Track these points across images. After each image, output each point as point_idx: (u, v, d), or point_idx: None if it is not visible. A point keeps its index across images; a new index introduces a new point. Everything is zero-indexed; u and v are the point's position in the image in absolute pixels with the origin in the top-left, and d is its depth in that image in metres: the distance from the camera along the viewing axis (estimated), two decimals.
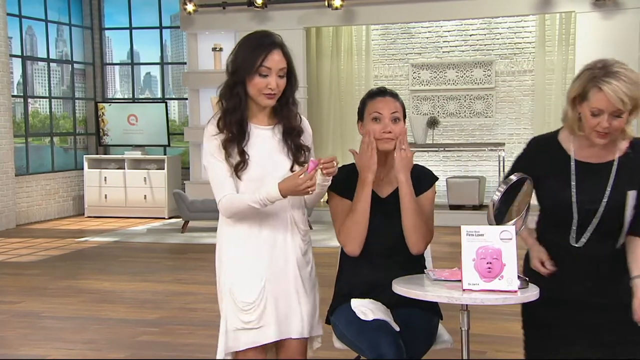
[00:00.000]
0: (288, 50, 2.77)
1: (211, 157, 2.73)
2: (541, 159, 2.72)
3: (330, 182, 2.78)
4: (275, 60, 2.69)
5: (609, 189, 2.60)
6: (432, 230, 2.95)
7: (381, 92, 2.98)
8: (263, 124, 2.79)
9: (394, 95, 2.98)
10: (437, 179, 3.06)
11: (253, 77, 2.68)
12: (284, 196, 2.64)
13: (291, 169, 2.75)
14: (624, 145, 2.64)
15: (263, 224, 2.75)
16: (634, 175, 2.62)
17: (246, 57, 2.69)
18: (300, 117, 2.86)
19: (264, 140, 2.76)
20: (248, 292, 2.72)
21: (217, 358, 2.78)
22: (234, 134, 2.70)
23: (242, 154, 2.70)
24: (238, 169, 2.70)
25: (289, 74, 2.76)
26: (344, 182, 2.93)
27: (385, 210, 2.92)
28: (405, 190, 2.87)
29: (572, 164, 2.66)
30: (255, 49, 2.70)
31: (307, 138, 2.86)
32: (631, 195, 2.60)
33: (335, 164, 2.70)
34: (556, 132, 2.78)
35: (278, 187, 2.63)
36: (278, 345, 2.83)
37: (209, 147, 2.73)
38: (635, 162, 2.63)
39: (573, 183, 2.64)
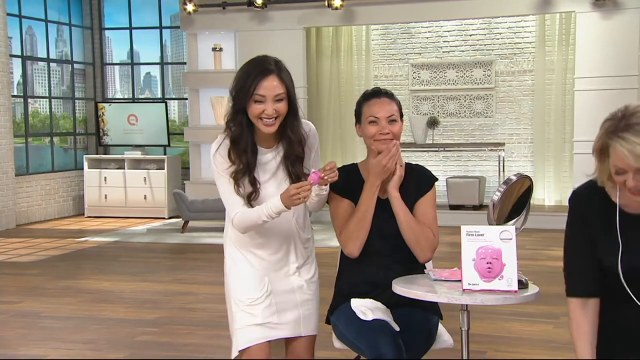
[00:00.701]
0: (287, 75, 2.73)
1: (224, 180, 2.76)
2: (589, 214, 2.29)
3: (328, 190, 2.83)
4: (268, 86, 2.66)
5: None
6: (436, 234, 2.94)
7: (376, 94, 2.97)
8: (268, 147, 2.81)
9: (390, 96, 2.97)
10: (436, 179, 3.05)
11: (250, 104, 2.68)
12: (287, 207, 2.66)
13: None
14: None
15: (269, 232, 2.81)
16: None
17: (242, 84, 2.69)
18: (304, 129, 2.85)
19: (268, 163, 2.80)
20: (253, 289, 2.79)
21: (232, 359, 2.84)
22: (244, 166, 2.73)
23: (254, 182, 2.74)
24: (251, 198, 2.75)
25: (289, 99, 2.72)
26: (344, 182, 2.92)
27: (386, 210, 2.92)
28: (400, 206, 2.88)
29: (617, 215, 2.23)
30: (249, 76, 2.68)
31: (313, 146, 2.89)
32: None
33: (336, 171, 2.72)
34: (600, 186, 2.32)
35: (280, 199, 2.65)
36: (286, 344, 2.89)
37: (221, 177, 2.76)
38: None
39: (620, 242, 2.20)
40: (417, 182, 2.97)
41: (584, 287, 2.28)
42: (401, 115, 2.97)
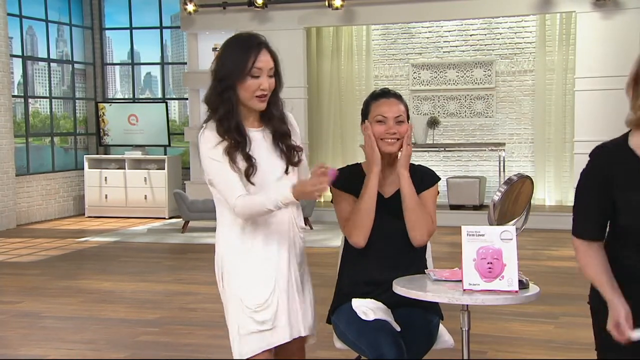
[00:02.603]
0: (274, 50, 2.70)
1: (216, 163, 2.65)
2: (614, 171, 2.24)
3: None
4: (265, 60, 2.64)
5: None
6: (434, 222, 2.96)
7: (385, 94, 2.99)
8: (254, 127, 2.74)
9: (398, 97, 2.99)
10: (439, 179, 3.08)
11: (245, 80, 2.62)
12: (297, 199, 2.59)
13: (286, 171, 2.72)
14: None
15: (268, 227, 2.71)
16: None
17: (236, 59, 2.62)
18: (285, 114, 2.80)
19: (258, 143, 2.71)
20: (259, 293, 2.66)
21: None
22: (237, 140, 2.64)
23: (249, 158, 2.63)
24: (249, 173, 2.63)
25: (276, 74, 2.70)
26: (348, 179, 2.95)
27: (389, 209, 2.92)
28: (407, 184, 2.89)
29: None
30: (245, 50, 2.62)
31: (295, 133, 2.83)
32: None
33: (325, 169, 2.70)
34: (624, 138, 2.30)
35: (292, 191, 2.56)
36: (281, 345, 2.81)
37: (214, 154, 2.64)
38: None
39: None
40: (421, 178, 3.00)
41: (590, 233, 2.29)
42: (408, 117, 2.99)
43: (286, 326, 2.68)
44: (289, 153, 2.74)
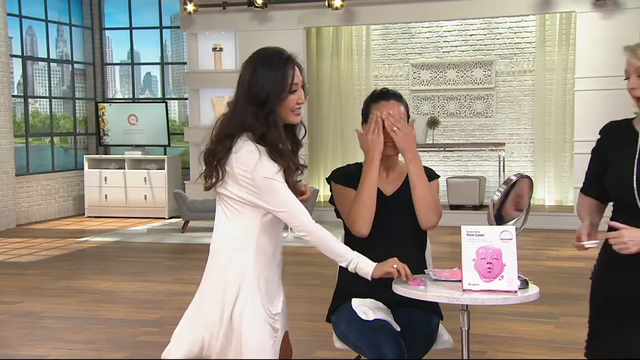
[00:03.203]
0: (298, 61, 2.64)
1: (278, 184, 2.50)
2: (613, 143, 2.67)
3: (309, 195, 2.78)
4: (299, 73, 2.57)
5: None
6: (440, 207, 2.98)
7: (385, 95, 2.99)
8: None
9: (398, 98, 2.99)
10: (438, 176, 3.09)
11: (286, 97, 2.52)
12: (372, 276, 2.60)
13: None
14: None
15: (277, 244, 2.65)
16: None
17: (274, 78, 2.50)
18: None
19: None
20: (276, 302, 2.60)
21: None
22: (294, 164, 2.56)
23: (293, 186, 2.57)
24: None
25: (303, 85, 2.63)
26: (348, 174, 2.99)
27: (390, 208, 2.93)
28: (413, 166, 2.88)
29: (639, 143, 2.58)
30: (281, 67, 2.52)
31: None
32: None
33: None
34: (632, 119, 2.71)
35: (374, 270, 2.58)
36: None
37: (276, 182, 2.49)
38: None
39: (637, 160, 2.56)
40: None
41: (586, 188, 2.78)
42: (408, 117, 2.99)
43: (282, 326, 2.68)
44: (302, 167, 2.66)
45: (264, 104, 2.49)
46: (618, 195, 2.62)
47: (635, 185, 2.53)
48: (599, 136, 2.75)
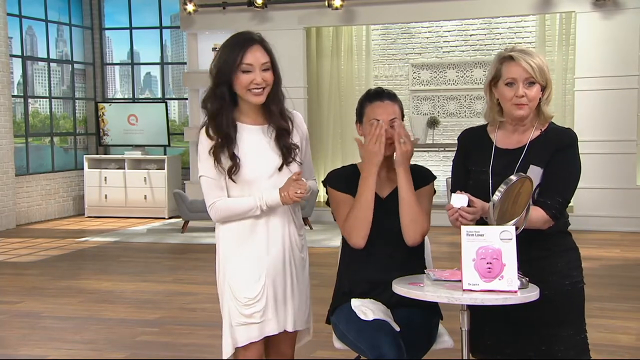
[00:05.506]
0: (269, 46, 2.78)
1: (200, 164, 2.83)
2: (472, 149, 2.87)
3: (309, 192, 2.83)
4: (255, 55, 2.72)
5: (516, 168, 2.70)
6: (429, 222, 2.98)
7: (379, 96, 2.98)
8: (255, 123, 2.81)
9: (392, 98, 2.98)
10: (435, 177, 3.08)
11: (237, 75, 2.71)
12: (282, 202, 2.72)
13: (279, 168, 2.78)
14: (539, 130, 2.78)
15: (262, 221, 2.79)
16: (541, 155, 2.71)
17: (227, 56, 2.72)
18: (290, 113, 2.86)
19: (254, 139, 2.79)
20: (249, 287, 2.77)
21: (224, 358, 2.81)
22: (222, 140, 2.74)
23: (233, 157, 2.74)
24: (231, 172, 2.75)
25: (274, 69, 2.76)
26: (345, 179, 2.97)
27: (386, 209, 2.92)
28: (404, 182, 2.89)
29: (493, 151, 2.80)
30: (234, 47, 2.73)
31: (298, 131, 2.87)
32: (532, 169, 2.68)
33: (302, 181, 2.76)
34: (485, 125, 2.94)
35: (279, 194, 2.71)
36: (269, 337, 2.85)
37: (201, 154, 2.82)
38: (545, 143, 2.73)
39: (490, 168, 2.75)
40: (416, 178, 2.98)
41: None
42: (403, 116, 2.98)
43: (274, 319, 2.78)
44: (286, 152, 2.77)
45: (215, 78, 2.76)
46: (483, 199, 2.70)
47: (490, 193, 2.65)
48: (458, 142, 2.95)
